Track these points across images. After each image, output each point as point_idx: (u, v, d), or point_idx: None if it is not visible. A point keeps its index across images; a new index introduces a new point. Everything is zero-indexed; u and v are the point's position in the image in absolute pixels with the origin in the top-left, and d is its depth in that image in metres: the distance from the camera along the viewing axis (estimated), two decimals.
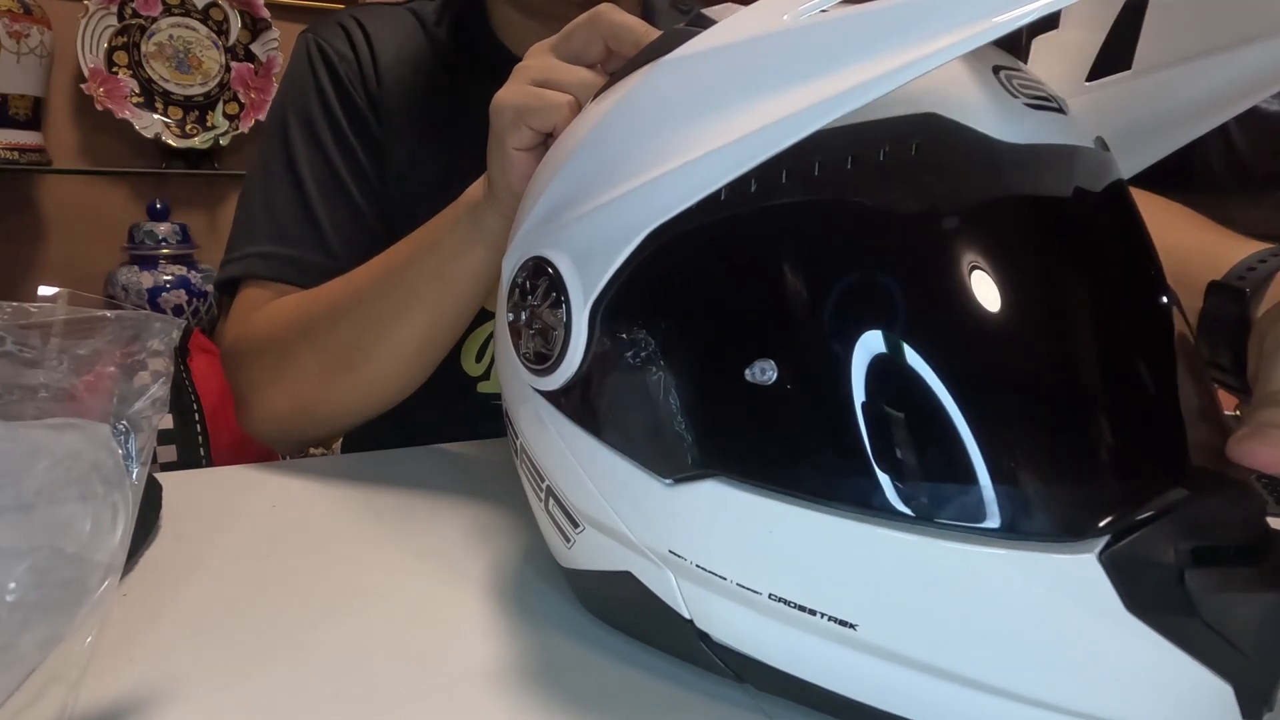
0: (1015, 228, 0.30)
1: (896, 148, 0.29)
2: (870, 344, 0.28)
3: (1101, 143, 0.33)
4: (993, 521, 0.27)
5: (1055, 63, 0.39)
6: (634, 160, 0.31)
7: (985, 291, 0.28)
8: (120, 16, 1.63)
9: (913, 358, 0.28)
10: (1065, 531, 0.27)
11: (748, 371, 0.29)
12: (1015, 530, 0.27)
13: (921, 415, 0.28)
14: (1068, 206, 0.31)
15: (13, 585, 0.27)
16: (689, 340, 0.31)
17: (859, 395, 0.28)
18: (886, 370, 0.28)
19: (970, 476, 0.27)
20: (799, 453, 0.30)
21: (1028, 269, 0.30)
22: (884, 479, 0.28)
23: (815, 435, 0.29)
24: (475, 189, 0.55)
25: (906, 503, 0.28)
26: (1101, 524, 0.27)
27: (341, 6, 1.64)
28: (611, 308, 0.32)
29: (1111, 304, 0.31)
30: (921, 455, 0.28)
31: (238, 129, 1.75)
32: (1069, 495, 0.28)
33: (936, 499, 0.27)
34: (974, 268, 0.28)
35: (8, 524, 0.28)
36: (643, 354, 0.32)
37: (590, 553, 0.37)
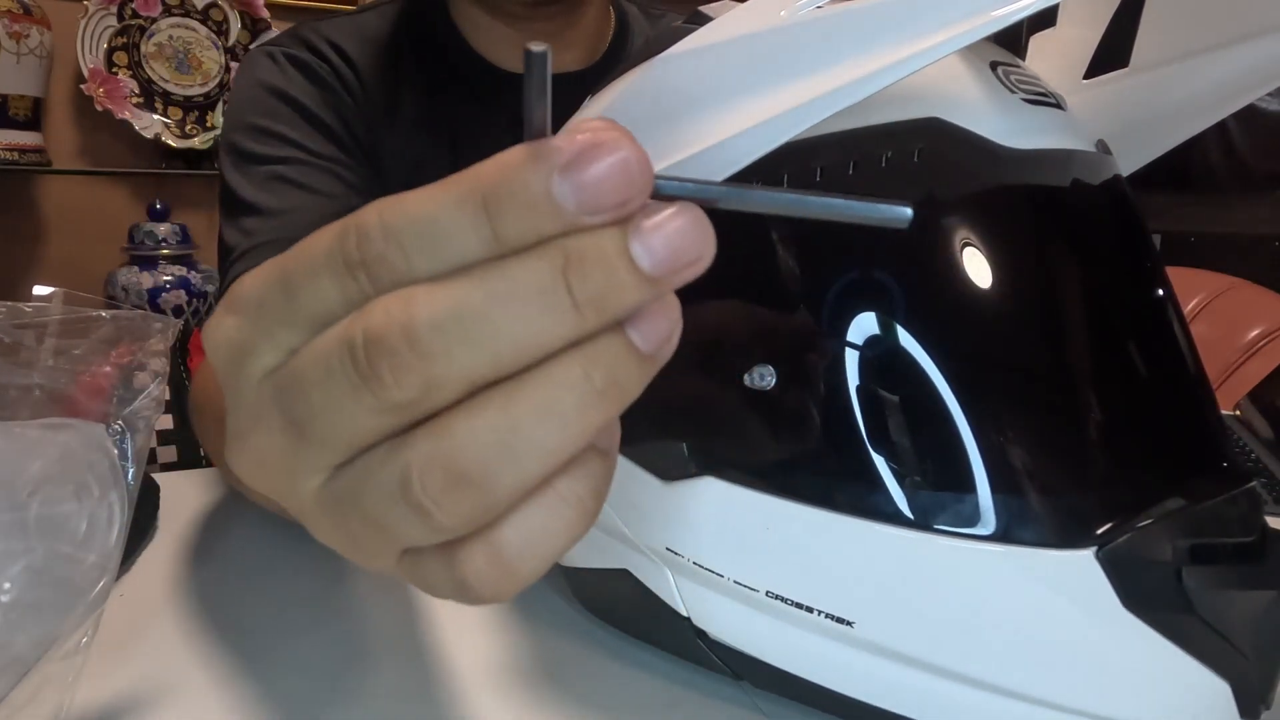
0: (1016, 235, 0.30)
1: (899, 153, 0.29)
2: (869, 348, 0.28)
3: (1103, 145, 0.33)
4: (989, 528, 0.27)
5: (1053, 60, 0.39)
6: None
7: (984, 295, 0.28)
8: (120, 17, 1.63)
9: (911, 361, 0.28)
10: (1064, 539, 0.27)
11: (746, 377, 0.29)
12: (1012, 537, 0.27)
13: (920, 417, 0.28)
14: (1069, 214, 0.31)
15: (7, 585, 0.27)
16: (685, 337, 0.31)
17: (857, 398, 0.28)
18: (885, 374, 0.28)
19: (969, 484, 0.27)
20: (796, 454, 0.29)
21: (1028, 276, 0.30)
22: (881, 481, 0.28)
23: (812, 438, 0.29)
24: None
25: (906, 509, 0.27)
26: (1100, 531, 0.27)
27: (345, 6, 1.64)
28: None
29: (1111, 305, 0.31)
30: (922, 460, 0.28)
31: None
32: (1068, 501, 0.28)
33: (937, 506, 0.27)
34: (974, 273, 0.28)
35: (2, 524, 0.27)
36: None
37: (588, 550, 0.37)
